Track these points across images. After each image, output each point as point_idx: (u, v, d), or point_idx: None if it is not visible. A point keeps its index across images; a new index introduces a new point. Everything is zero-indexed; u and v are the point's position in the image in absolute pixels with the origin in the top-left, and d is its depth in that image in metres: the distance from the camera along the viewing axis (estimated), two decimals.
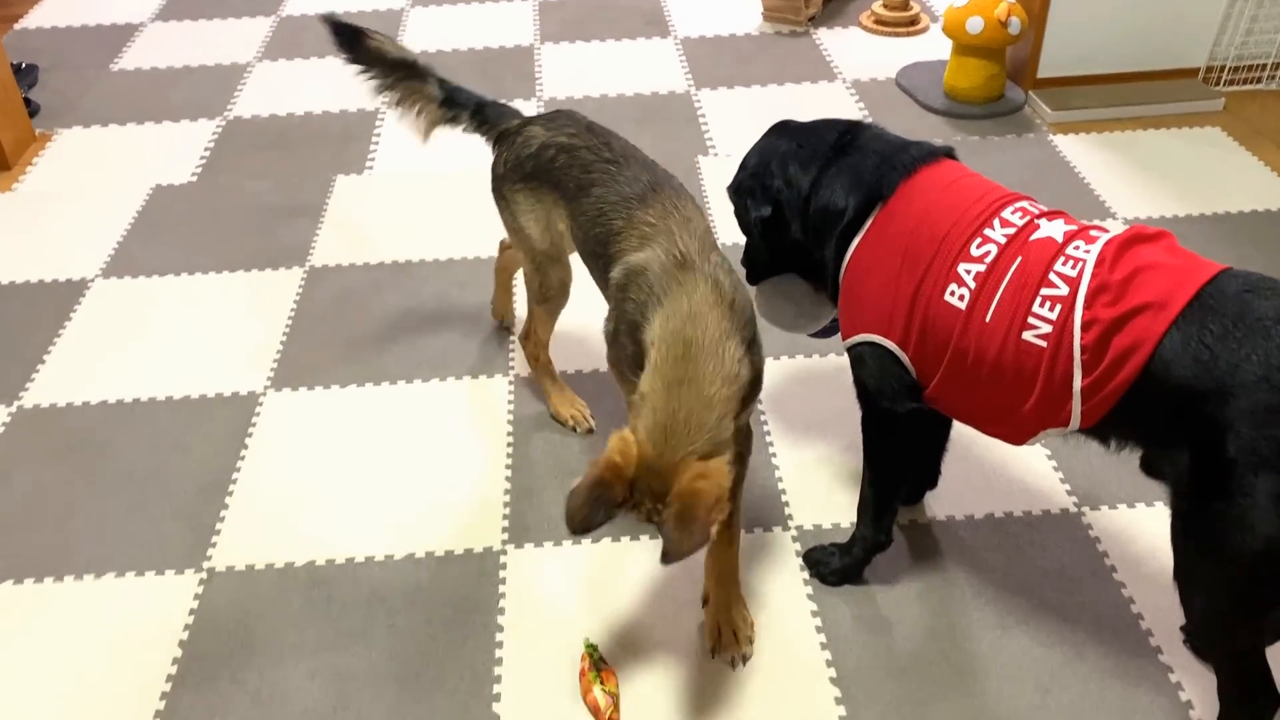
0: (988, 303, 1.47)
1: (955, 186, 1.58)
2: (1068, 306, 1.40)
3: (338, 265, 2.64)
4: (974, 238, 1.50)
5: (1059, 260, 1.43)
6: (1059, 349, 1.40)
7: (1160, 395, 1.34)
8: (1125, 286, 1.37)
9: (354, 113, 3.34)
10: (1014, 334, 1.44)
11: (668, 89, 3.44)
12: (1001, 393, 1.48)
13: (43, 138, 3.26)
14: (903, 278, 1.54)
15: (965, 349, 1.49)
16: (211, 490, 2.02)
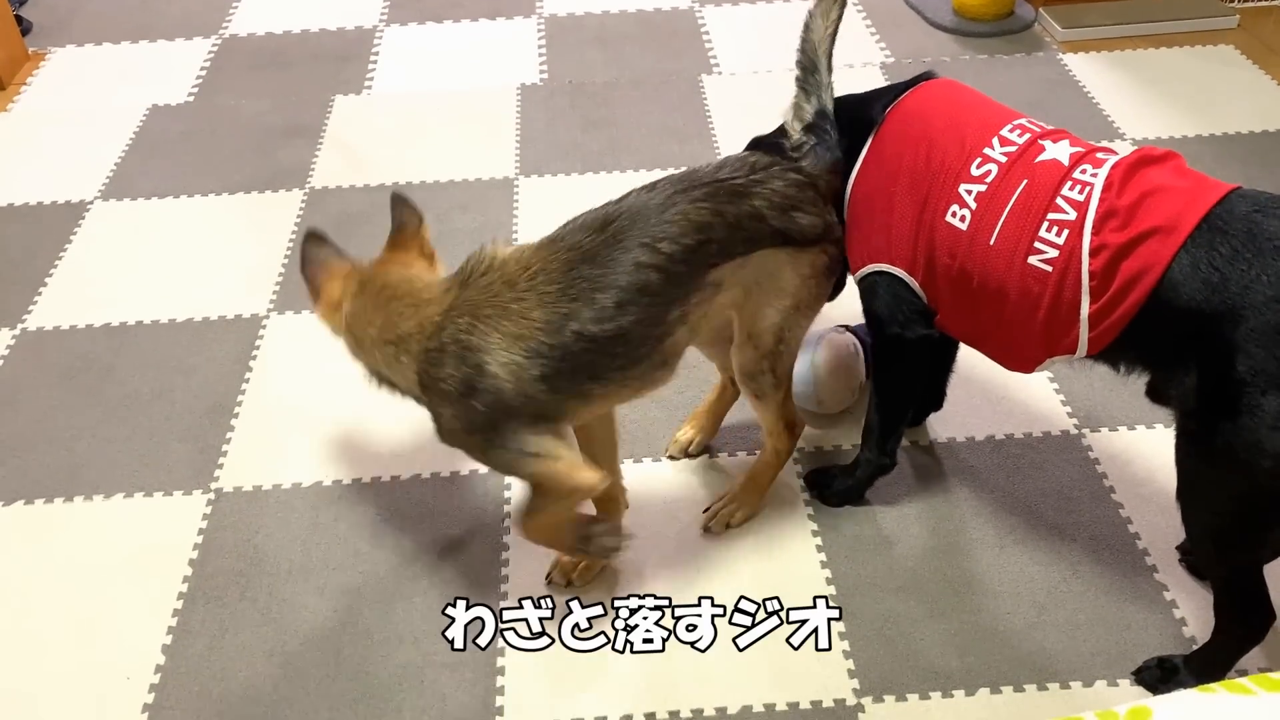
0: (992, 225, 1.45)
1: (949, 106, 1.58)
2: (1075, 232, 1.39)
3: (338, 187, 2.62)
4: (973, 157, 1.49)
5: (1066, 184, 1.42)
6: (1066, 274, 1.40)
7: (1170, 319, 1.34)
8: (1133, 211, 1.36)
9: (352, 30, 3.28)
10: (1019, 258, 1.43)
11: (670, 5, 3.37)
12: (1007, 316, 1.48)
13: (36, 56, 3.21)
14: (905, 201, 1.54)
15: (970, 271, 1.48)
16: (217, 412, 2.03)
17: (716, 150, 2.70)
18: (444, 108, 2.90)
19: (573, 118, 2.86)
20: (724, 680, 1.58)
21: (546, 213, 2.49)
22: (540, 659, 1.61)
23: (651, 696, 1.56)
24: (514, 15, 3.33)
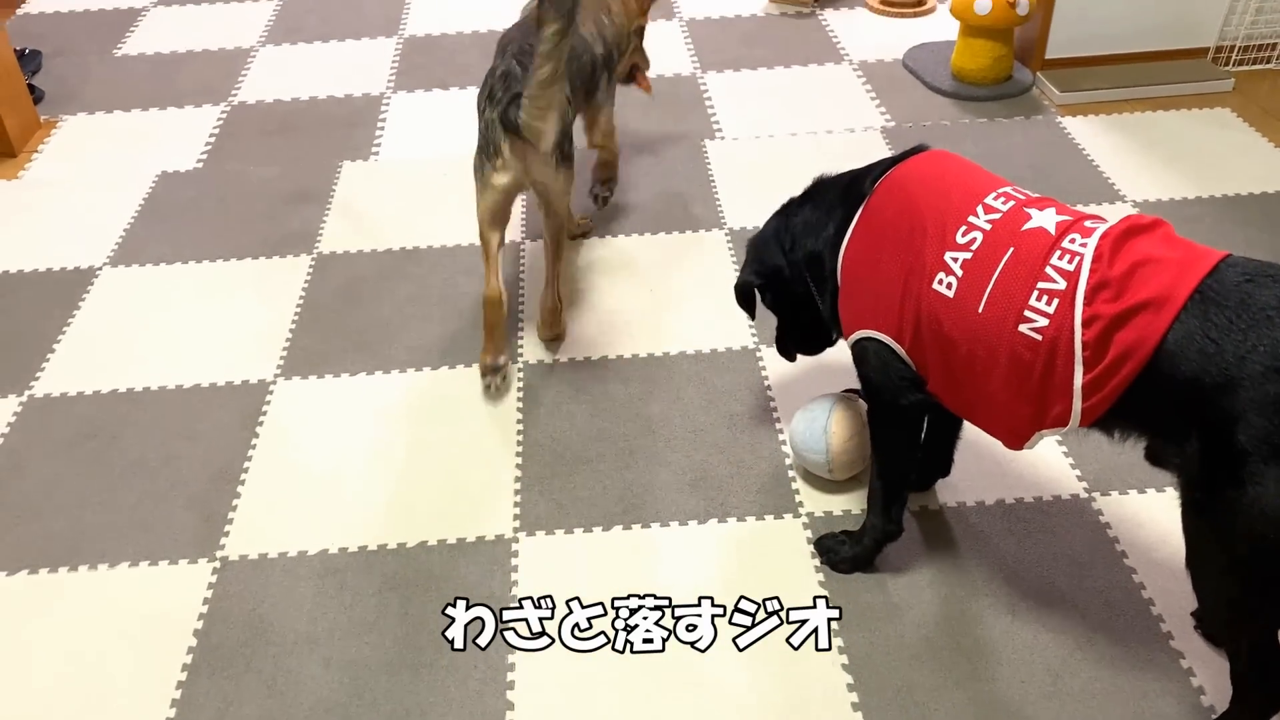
0: (979, 293, 1.47)
1: (935, 175, 1.61)
2: (1066, 302, 1.40)
3: (345, 252, 2.64)
4: (958, 224, 1.51)
5: (1054, 254, 1.43)
6: (1057, 344, 1.40)
7: (1166, 389, 1.35)
8: (1125, 282, 1.38)
9: (359, 98, 3.33)
10: (1009, 326, 1.44)
11: (674, 71, 3.42)
12: (997, 385, 1.49)
13: (48, 124, 3.25)
14: (891, 269, 1.57)
15: (957, 339, 1.50)
16: (223, 479, 2.03)
17: (720, 213, 2.73)
18: (450, 173, 2.93)
19: (577, 181, 2.88)
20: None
21: None
22: None
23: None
24: None
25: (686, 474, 2.00)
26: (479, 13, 3.85)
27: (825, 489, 1.96)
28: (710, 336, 2.32)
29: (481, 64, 3.45)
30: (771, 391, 2.18)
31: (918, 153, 1.67)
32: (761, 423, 2.11)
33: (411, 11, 3.88)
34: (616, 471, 2.01)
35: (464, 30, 3.73)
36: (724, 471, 2.00)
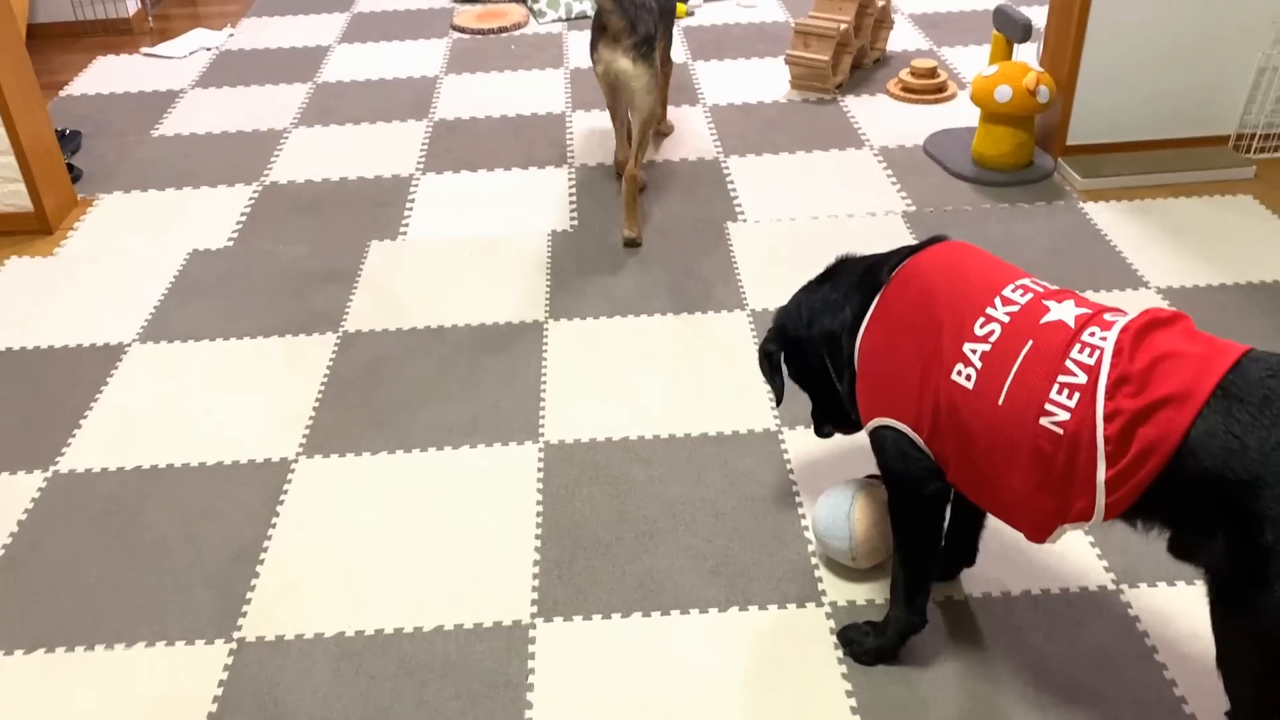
0: (999, 385, 1.47)
1: (953, 266, 1.62)
2: (1087, 395, 1.40)
3: (370, 330, 2.66)
4: (976, 316, 1.53)
5: (1074, 347, 1.44)
6: (1079, 439, 1.40)
7: (1191, 486, 1.34)
8: (1147, 376, 1.37)
9: (388, 179, 3.39)
10: (1030, 419, 1.44)
11: (697, 155, 3.47)
12: (1017, 478, 1.48)
13: (84, 202, 3.33)
14: (909, 358, 1.58)
15: (977, 430, 1.50)
16: (242, 558, 2.02)
17: (742, 294, 2.74)
18: (476, 253, 2.97)
19: (601, 263, 2.92)
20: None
21: (574, 354, 2.53)
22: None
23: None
24: (545, 165, 3.44)
25: (707, 559, 1.98)
26: (507, 99, 3.94)
27: (849, 577, 1.93)
28: (732, 418, 2.32)
29: (509, 147, 3.54)
30: (794, 475, 2.17)
31: (936, 243, 1.68)
32: (784, 507, 2.09)
33: (441, 96, 3.97)
34: (636, 556, 1.99)
35: (492, 115, 3.81)
36: (746, 558, 1.98)
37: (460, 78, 4.13)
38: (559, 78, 4.10)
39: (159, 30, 4.82)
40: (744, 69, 4.12)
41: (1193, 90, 3.21)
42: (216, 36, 4.64)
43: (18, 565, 2.03)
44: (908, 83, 3.79)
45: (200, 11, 5.10)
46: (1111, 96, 3.20)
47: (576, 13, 4.71)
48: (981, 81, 3.15)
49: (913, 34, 4.40)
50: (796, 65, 3.85)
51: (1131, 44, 3.14)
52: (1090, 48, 3.14)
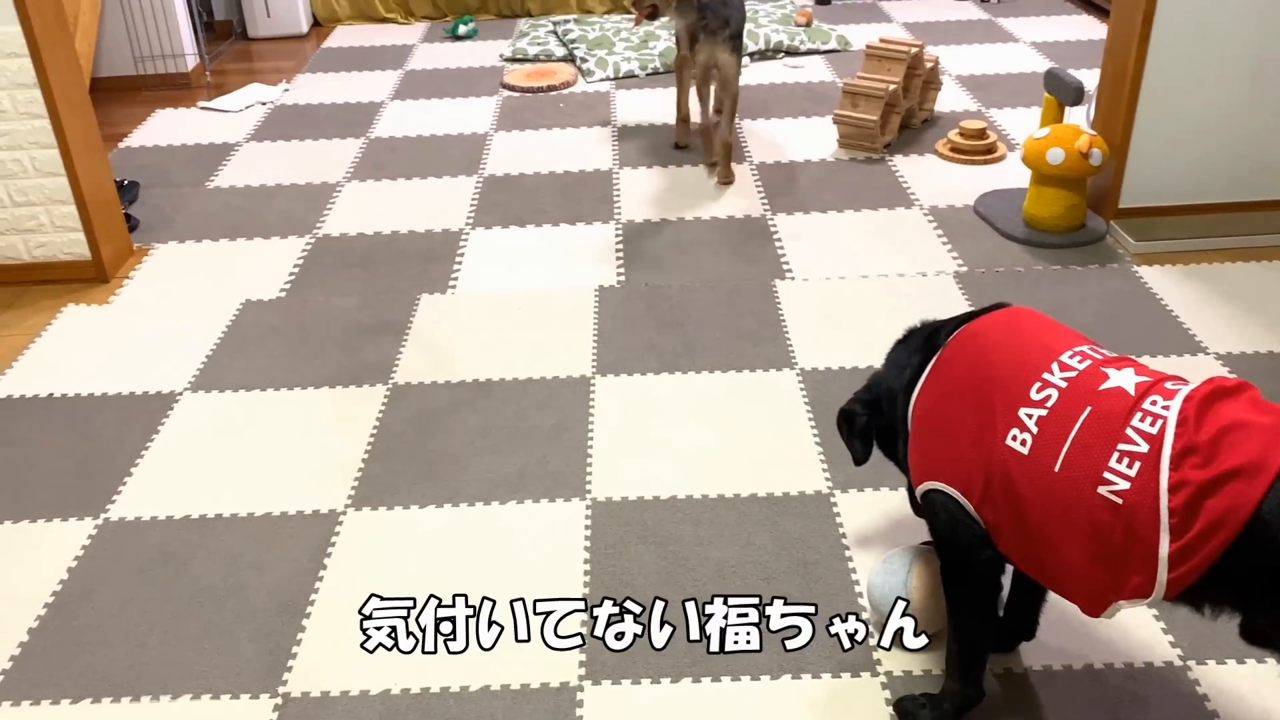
0: (1056, 451, 1.43)
1: (1010, 330, 1.60)
2: (1149, 465, 1.36)
3: (420, 383, 2.67)
4: (1033, 381, 1.49)
5: (1135, 415, 1.40)
6: (1138, 509, 1.35)
7: (1263, 561, 1.29)
8: (1214, 447, 1.33)
9: (439, 233, 3.43)
10: (1088, 487, 1.40)
11: (744, 213, 3.48)
12: (1072, 549, 1.43)
13: (140, 251, 3.38)
14: (962, 421, 1.55)
15: (1031, 497, 1.46)
16: (289, 611, 2.01)
17: (791, 353, 2.72)
18: (524, 307, 2.98)
19: (648, 319, 2.91)
20: None
21: (622, 410, 2.52)
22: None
23: None
24: (593, 221, 3.46)
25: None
26: (555, 156, 3.98)
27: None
28: (782, 479, 2.29)
29: (557, 203, 3.57)
30: (847, 540, 2.13)
31: (999, 308, 1.65)
32: (837, 573, 2.05)
33: (491, 152, 4.02)
34: (692, 549, 1.95)
35: (541, 171, 3.85)
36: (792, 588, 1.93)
37: (510, 135, 4.19)
38: (606, 135, 4.14)
39: (216, 85, 4.94)
40: (791, 128, 4.14)
41: (1247, 154, 3.18)
42: (272, 91, 4.74)
43: (66, 612, 2.03)
44: (957, 143, 3.79)
45: (256, 67, 5.22)
46: (1165, 160, 3.18)
47: (625, 72, 4.77)
48: (1033, 143, 3.14)
49: (960, 95, 4.41)
50: (844, 124, 3.86)
51: (1185, 108, 3.12)
52: (1143, 111, 3.12)
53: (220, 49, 5.43)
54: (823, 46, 5.01)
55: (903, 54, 3.82)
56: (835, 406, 2.49)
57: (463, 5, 5.77)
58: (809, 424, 2.46)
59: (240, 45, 5.57)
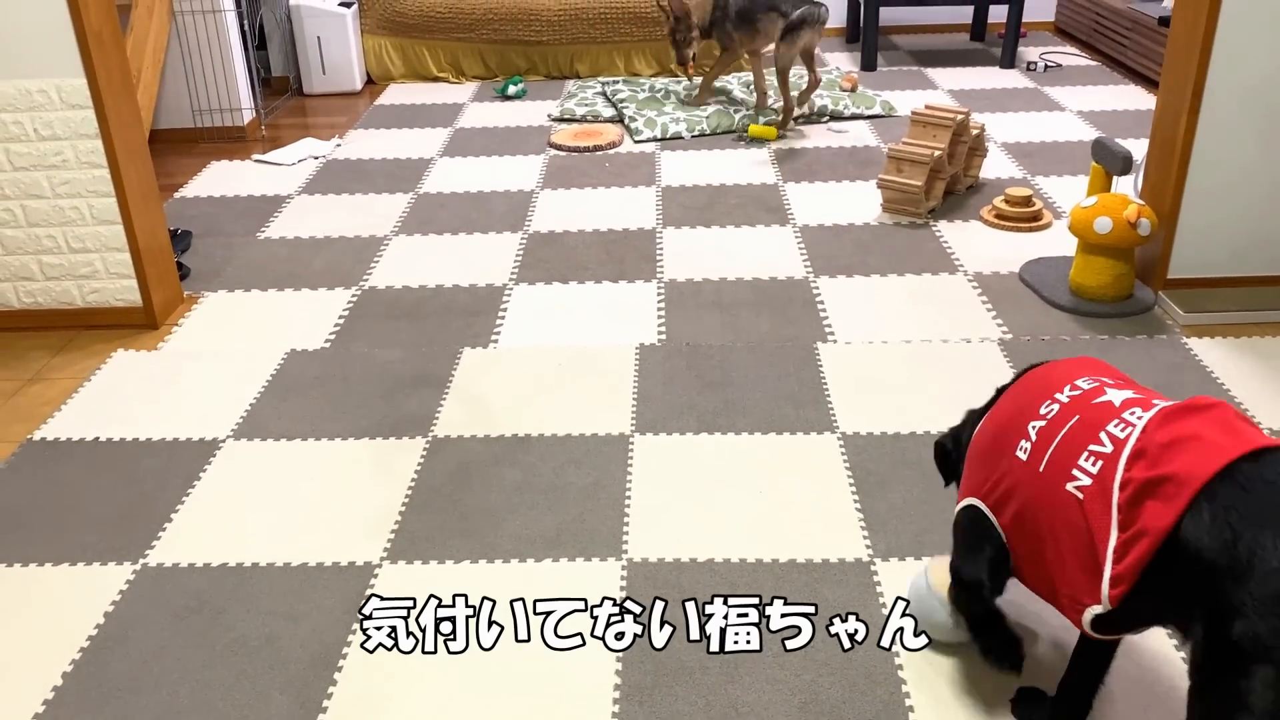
0: (1043, 454, 1.58)
1: (1063, 369, 1.71)
2: (1110, 463, 1.47)
3: (459, 436, 2.67)
4: (1045, 399, 1.64)
5: (1112, 422, 1.51)
6: (1094, 502, 1.47)
7: (1180, 568, 1.37)
8: (1163, 452, 1.42)
9: (483, 288, 3.46)
10: (1060, 485, 1.53)
11: (786, 275, 3.48)
12: (1050, 546, 1.55)
13: (190, 300, 3.44)
14: (995, 441, 1.71)
15: (1023, 499, 1.61)
16: (321, 664, 2.00)
17: (833, 416, 2.70)
18: (565, 363, 2.99)
19: (689, 378, 2.91)
20: None
21: (660, 470, 2.50)
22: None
23: None
24: (635, 279, 3.48)
25: (795, 694, 1.89)
26: (600, 214, 4.02)
27: (943, 715, 1.83)
28: (822, 546, 2.26)
29: (600, 261, 3.59)
30: (886, 609, 2.08)
31: (1075, 359, 1.76)
32: (877, 642, 2.00)
33: (537, 210, 4.07)
34: (721, 686, 1.91)
35: (585, 229, 3.89)
36: (835, 695, 1.89)
37: (555, 193, 4.24)
38: (651, 195, 4.18)
39: (270, 139, 5.06)
40: (835, 191, 4.15)
41: None
42: (324, 146, 4.84)
43: (101, 657, 2.03)
44: (1002, 210, 3.78)
45: (310, 122, 5.34)
46: (1215, 231, 3.14)
47: (671, 133, 4.82)
48: (1081, 212, 3.11)
49: (1006, 163, 4.41)
50: (889, 189, 3.87)
51: (1235, 179, 3.09)
52: (1192, 182, 3.10)
53: (276, 104, 5.57)
54: (867, 111, 5.04)
55: (948, 120, 3.83)
56: (875, 472, 2.48)
57: (513, 66, 5.88)
58: (850, 489, 2.43)
59: (295, 101, 5.71)
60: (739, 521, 2.34)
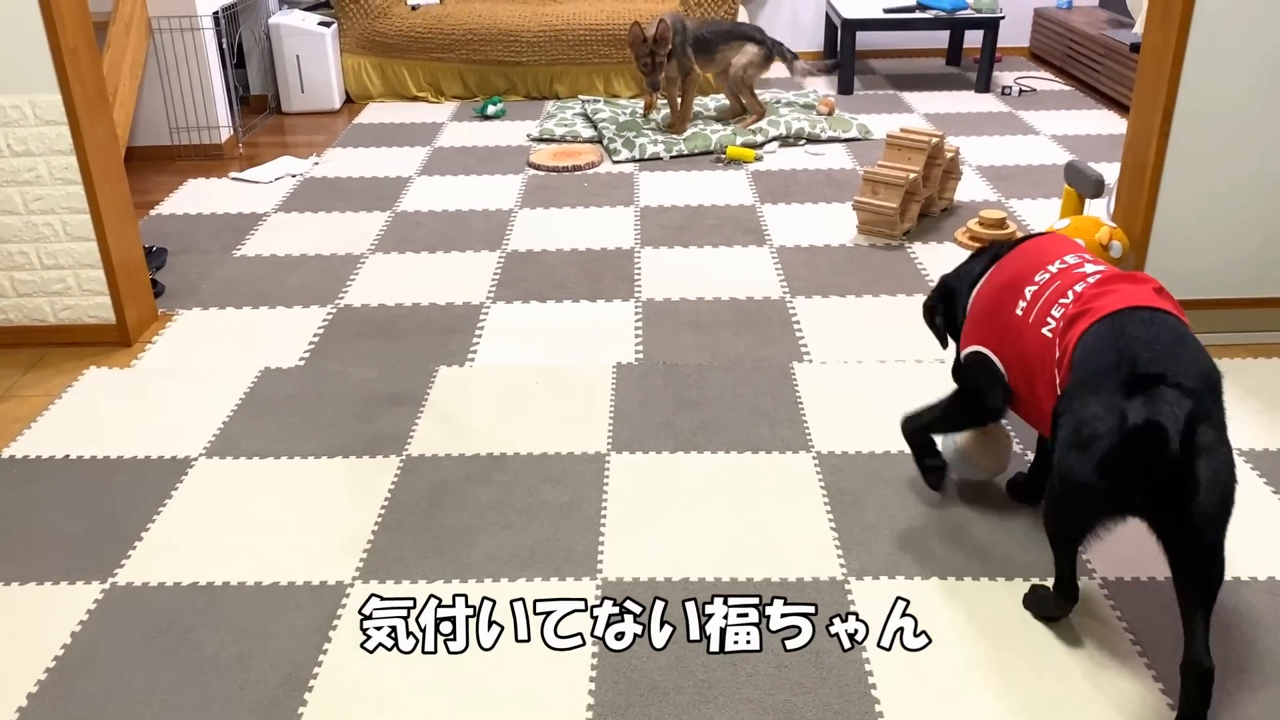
0: (1031, 311, 2.07)
1: (1051, 243, 2.20)
2: (1067, 310, 1.99)
3: (434, 455, 2.66)
4: (1040, 269, 2.11)
5: (1078, 283, 2.02)
6: (1056, 338, 1.99)
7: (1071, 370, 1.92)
8: (1092, 299, 1.96)
9: (460, 306, 3.45)
10: (1038, 330, 2.04)
11: (763, 295, 3.49)
12: (1033, 380, 2.06)
13: (164, 317, 3.42)
14: (1001, 304, 2.16)
15: (1019, 347, 2.09)
16: (291, 684, 1.98)
17: (808, 436, 2.71)
18: (541, 382, 2.99)
19: (665, 397, 2.91)
20: None
21: (636, 489, 2.50)
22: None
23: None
24: (613, 298, 3.49)
25: (769, 713, 1.89)
26: (578, 233, 4.03)
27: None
28: (797, 565, 2.26)
29: (578, 280, 3.60)
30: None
31: (1048, 234, 2.26)
32: (850, 661, 2.00)
33: (515, 229, 4.07)
34: (695, 706, 1.91)
35: (563, 248, 3.89)
36: (809, 714, 1.89)
37: (534, 212, 4.24)
38: (629, 215, 4.19)
39: (248, 156, 5.04)
40: (811, 213, 4.18)
41: (1270, 249, 3.17)
42: (302, 164, 4.83)
43: (67, 679, 2.00)
44: (976, 232, 3.81)
45: (288, 140, 5.34)
46: (1187, 254, 3.18)
47: (650, 154, 4.85)
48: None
49: (980, 185, 4.45)
50: (864, 211, 3.90)
51: (1206, 202, 3.13)
52: (1164, 205, 3.13)
53: (254, 122, 5.56)
54: (844, 135, 5.08)
55: (923, 143, 3.87)
56: (850, 491, 2.48)
57: (492, 86, 5.90)
58: (825, 508, 2.44)
59: (274, 119, 5.70)
60: (714, 540, 2.34)
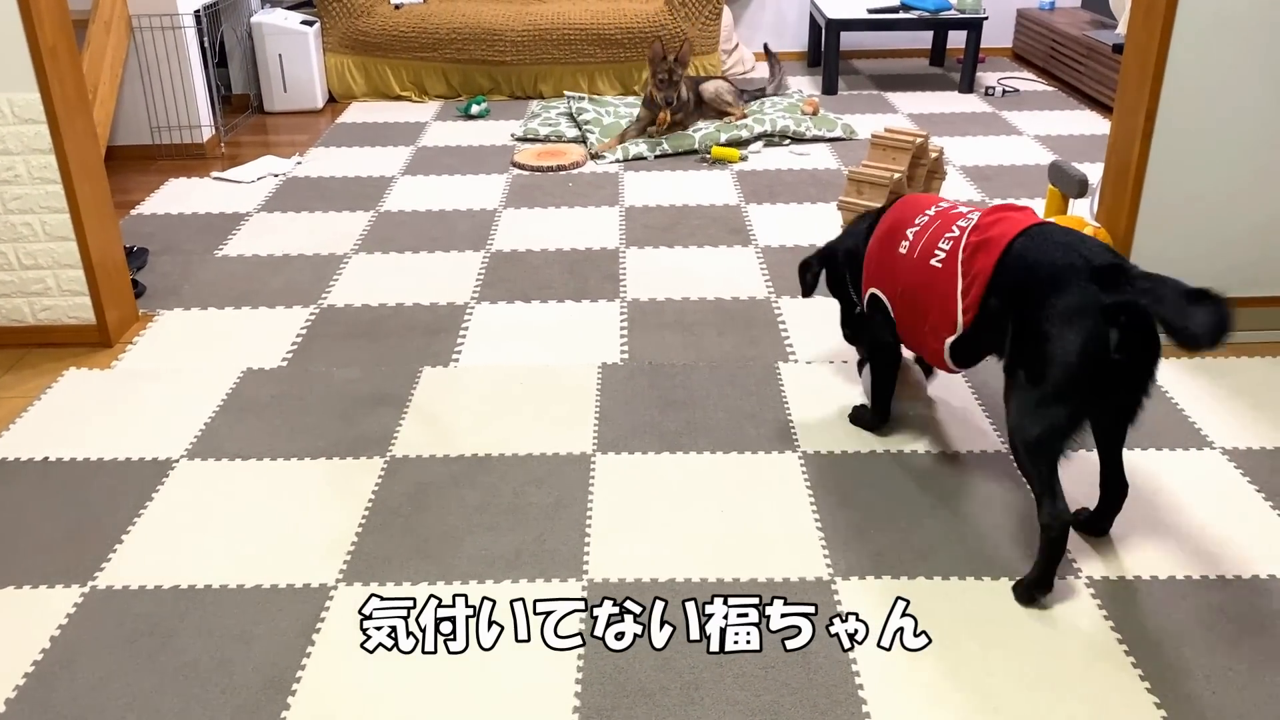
0: (915, 246, 2.33)
1: (920, 197, 2.48)
2: (956, 241, 2.23)
3: (418, 456, 2.64)
4: (917, 214, 2.39)
5: (960, 220, 2.27)
6: (948, 265, 2.22)
7: (997, 294, 2.14)
8: (987, 229, 2.19)
9: (444, 306, 3.43)
10: (924, 261, 2.28)
11: (748, 295, 3.49)
12: (920, 309, 2.30)
13: (145, 318, 3.39)
14: (882, 247, 2.45)
15: (904, 281, 2.36)
16: (274, 688, 1.96)
17: (794, 435, 2.70)
18: (526, 382, 2.97)
19: (651, 397, 2.90)
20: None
21: (622, 490, 2.49)
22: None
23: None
24: (598, 299, 3.47)
25: (757, 714, 1.88)
26: (563, 233, 4.02)
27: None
28: (783, 565, 2.25)
29: (562, 280, 3.59)
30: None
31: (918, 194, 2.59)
32: (837, 662, 2.00)
33: (499, 229, 4.06)
34: (682, 708, 1.90)
35: (548, 248, 3.88)
36: (797, 715, 1.88)
37: (518, 212, 4.23)
38: (614, 215, 4.18)
39: (230, 156, 5.01)
40: (796, 213, 4.18)
41: (1252, 249, 3.19)
42: (284, 164, 4.80)
43: (46, 683, 1.98)
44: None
45: (271, 140, 5.30)
46: (1170, 254, 3.19)
47: (634, 155, 4.84)
48: None
49: (964, 185, 4.46)
50: (849, 210, 3.89)
51: (1189, 203, 3.14)
52: (1147, 206, 3.15)
53: (236, 121, 5.52)
54: (828, 134, 5.08)
55: (908, 143, 3.87)
56: (835, 491, 2.48)
57: (476, 85, 5.88)
58: (810, 508, 2.43)
59: (256, 119, 5.67)
60: (700, 541, 2.33)
